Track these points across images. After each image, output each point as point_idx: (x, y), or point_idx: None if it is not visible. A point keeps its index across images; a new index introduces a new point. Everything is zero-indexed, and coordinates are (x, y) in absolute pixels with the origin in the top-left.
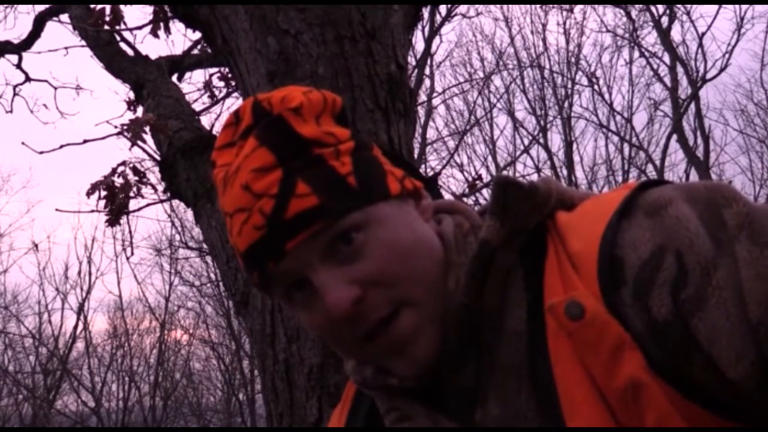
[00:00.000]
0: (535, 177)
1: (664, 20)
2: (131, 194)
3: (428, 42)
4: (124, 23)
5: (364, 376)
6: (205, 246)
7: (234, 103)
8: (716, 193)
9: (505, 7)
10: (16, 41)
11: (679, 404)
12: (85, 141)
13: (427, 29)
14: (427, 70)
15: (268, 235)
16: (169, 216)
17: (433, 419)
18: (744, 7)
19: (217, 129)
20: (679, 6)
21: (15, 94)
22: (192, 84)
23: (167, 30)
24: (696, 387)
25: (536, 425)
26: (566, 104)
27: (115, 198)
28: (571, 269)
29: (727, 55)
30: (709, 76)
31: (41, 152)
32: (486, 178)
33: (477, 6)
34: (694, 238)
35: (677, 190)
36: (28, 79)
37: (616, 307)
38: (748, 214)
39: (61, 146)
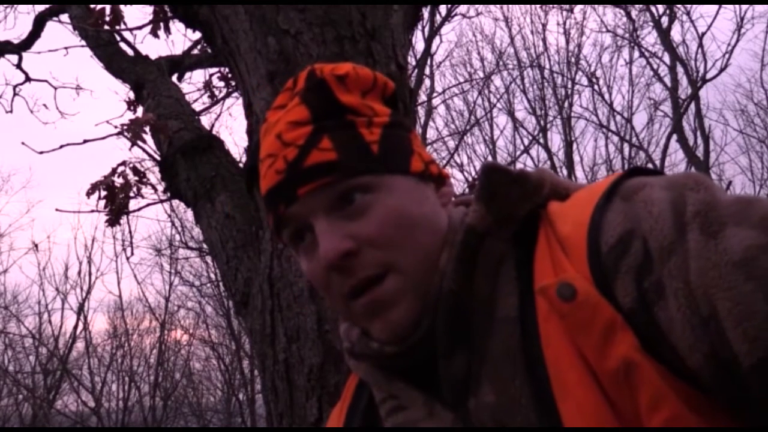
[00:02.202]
0: None
1: (664, 20)
2: (131, 194)
3: (428, 42)
4: (124, 23)
5: (351, 340)
6: (205, 246)
7: (234, 103)
8: (690, 179)
9: (505, 7)
10: (16, 41)
11: (672, 383)
12: (85, 141)
13: (427, 29)
14: (427, 70)
15: (286, 180)
16: (169, 216)
17: (430, 407)
18: (744, 7)
19: (217, 129)
20: (679, 6)
21: (15, 94)
22: (192, 84)
23: (167, 30)
24: (677, 369)
25: (530, 410)
26: (566, 104)
27: (115, 198)
28: (561, 253)
29: (727, 55)
30: (709, 76)
31: (41, 152)
32: None
33: (477, 6)
34: (654, 223)
35: (660, 178)
36: (28, 79)
37: (605, 289)
38: (709, 202)
39: (61, 146)
